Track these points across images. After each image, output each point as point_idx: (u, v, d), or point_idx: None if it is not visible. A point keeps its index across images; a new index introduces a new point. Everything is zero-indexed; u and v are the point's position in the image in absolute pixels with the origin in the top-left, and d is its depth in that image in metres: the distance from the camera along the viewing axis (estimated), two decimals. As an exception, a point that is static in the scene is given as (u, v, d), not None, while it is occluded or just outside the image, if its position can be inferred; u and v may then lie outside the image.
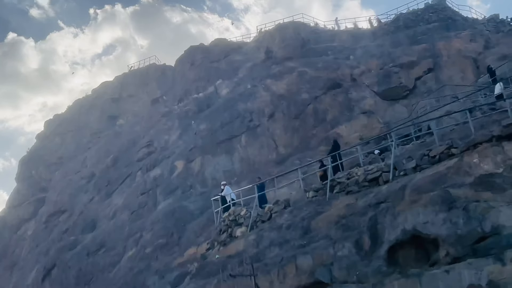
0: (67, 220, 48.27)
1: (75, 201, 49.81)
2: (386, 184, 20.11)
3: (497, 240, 14.79)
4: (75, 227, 45.95)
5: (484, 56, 39.69)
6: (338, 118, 39.43)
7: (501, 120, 20.30)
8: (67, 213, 49.51)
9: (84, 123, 61.64)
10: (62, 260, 41.27)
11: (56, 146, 61.91)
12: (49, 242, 46.67)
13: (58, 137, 63.11)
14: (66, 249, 42.46)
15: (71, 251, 41.70)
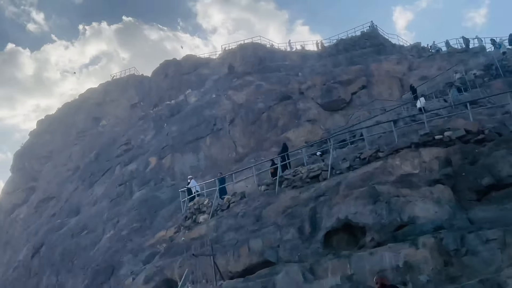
0: (55, 205, 47.67)
1: (61, 189, 49.21)
2: (324, 180, 20.44)
3: (412, 228, 15.22)
4: (61, 212, 45.38)
5: (407, 76, 40.55)
6: (288, 124, 39.77)
7: (419, 130, 20.77)
8: (54, 199, 48.89)
9: (71, 123, 60.76)
10: (50, 240, 40.69)
11: (46, 142, 60.93)
12: (39, 225, 46.04)
13: (48, 135, 62.11)
14: (53, 231, 41.88)
15: (58, 232, 41.15)
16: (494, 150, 17.52)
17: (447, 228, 14.71)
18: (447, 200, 16.07)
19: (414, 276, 13.66)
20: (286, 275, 15.27)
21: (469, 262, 13.64)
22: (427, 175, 17.74)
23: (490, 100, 25.99)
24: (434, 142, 19.32)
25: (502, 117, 21.11)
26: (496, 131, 19.16)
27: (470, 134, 19.19)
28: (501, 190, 16.36)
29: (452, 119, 21.85)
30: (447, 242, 14.01)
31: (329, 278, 14.57)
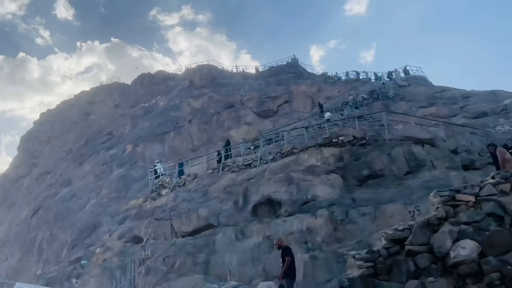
0: (51, 178, 45.60)
1: (57, 166, 47.09)
2: (255, 168, 20.53)
3: (314, 204, 15.59)
4: (56, 183, 43.48)
5: (317, 96, 41.35)
6: (231, 125, 39.71)
7: (322, 135, 21.23)
8: (51, 173, 46.72)
9: (67, 116, 58.05)
10: (46, 204, 39.01)
11: (46, 130, 58.01)
12: (38, 192, 43.93)
13: (48, 124, 59.14)
14: (49, 197, 40.13)
15: (52, 199, 39.46)
16: (371, 151, 18.19)
17: (337, 205, 15.20)
18: (338, 185, 16.58)
19: (313, 237, 14.08)
20: (223, 235, 15.38)
21: (350, 228, 14.17)
22: (326, 166, 18.17)
23: (371, 116, 26.97)
24: (332, 144, 19.74)
25: (378, 128, 21.91)
26: (374, 138, 19.83)
27: (356, 139, 19.75)
28: (375, 179, 17.05)
29: (345, 128, 22.48)
30: (336, 214, 14.50)
31: (254, 238, 14.79)
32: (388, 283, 8.76)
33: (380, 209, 14.17)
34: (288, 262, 9.41)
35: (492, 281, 7.79)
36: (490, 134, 19.86)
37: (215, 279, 13.69)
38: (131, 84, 59.32)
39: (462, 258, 8.27)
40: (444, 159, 17.15)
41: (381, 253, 9.21)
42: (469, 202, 9.35)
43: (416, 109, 28.64)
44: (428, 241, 8.99)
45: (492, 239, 8.39)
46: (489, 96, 29.16)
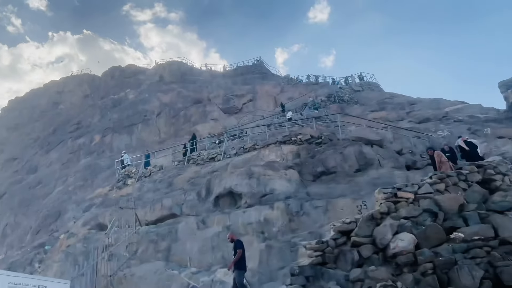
0: (17, 165, 43.51)
1: (24, 153, 44.96)
2: (219, 161, 20.53)
3: (272, 197, 15.72)
4: (22, 169, 41.58)
5: (280, 96, 41.69)
6: (198, 120, 39.37)
7: (282, 133, 21.52)
8: (18, 160, 44.56)
9: (36, 104, 55.47)
10: (11, 190, 37.26)
11: (14, 117, 55.13)
12: (3, 178, 41.75)
13: (17, 111, 56.23)
14: (15, 183, 38.36)
15: (18, 185, 37.74)
16: (326, 150, 18.59)
17: (293, 198, 15.43)
18: (295, 179, 16.83)
19: (269, 228, 14.24)
20: (185, 224, 15.29)
21: (304, 220, 14.44)
22: (284, 162, 18.42)
23: (328, 117, 27.55)
24: (291, 141, 20.07)
25: (334, 129, 22.39)
26: (329, 138, 20.28)
27: (313, 138, 20.17)
28: (328, 175, 17.44)
29: (304, 127, 22.79)
30: (292, 207, 14.73)
31: (215, 227, 14.79)
32: (334, 271, 9.03)
33: (331, 203, 14.52)
34: (239, 254, 9.50)
35: (425, 270, 8.21)
36: (431, 138, 20.77)
37: (176, 265, 13.61)
38: (102, 76, 57.49)
39: (400, 249, 8.66)
40: (390, 159, 17.79)
41: (329, 244, 9.48)
42: (409, 199, 9.80)
43: (368, 113, 29.48)
44: (371, 233, 9.35)
45: (427, 233, 8.84)
46: (433, 104, 30.45)
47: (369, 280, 8.26)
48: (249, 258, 12.04)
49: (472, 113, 25.66)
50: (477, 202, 9.77)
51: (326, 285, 8.58)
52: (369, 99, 35.42)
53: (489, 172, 10.51)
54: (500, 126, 22.36)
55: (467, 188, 10.15)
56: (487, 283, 7.82)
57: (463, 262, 8.02)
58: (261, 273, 11.39)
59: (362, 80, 43.98)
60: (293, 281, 8.78)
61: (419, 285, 8.00)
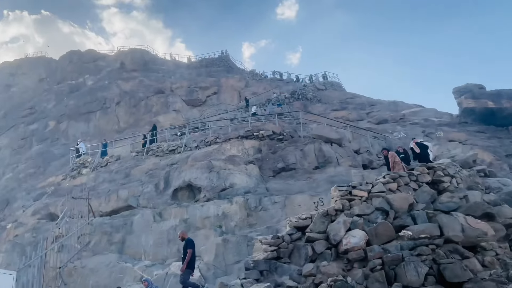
0: (-37, 149, 40.80)
1: (-30, 137, 42.21)
2: (179, 154, 20.35)
3: (231, 191, 15.81)
4: (-31, 156, 39.04)
5: (244, 91, 41.59)
6: (159, 111, 38.51)
7: (245, 128, 21.60)
8: (-37, 144, 41.78)
9: (-15, 86, 52.23)
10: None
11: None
12: None
13: (-37, 93, 52.73)
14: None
15: (-37, 171, 35.41)
16: (287, 146, 18.91)
17: (252, 193, 15.60)
18: (255, 175, 17.00)
19: (227, 222, 14.32)
20: (141, 216, 15.04)
21: (262, 215, 14.61)
22: (245, 157, 18.56)
23: (290, 114, 27.91)
24: (253, 137, 20.22)
25: (296, 126, 22.72)
26: (290, 134, 20.62)
27: (275, 134, 20.42)
28: (288, 171, 17.75)
29: (266, 123, 23.03)
30: (250, 202, 14.87)
31: (171, 220, 14.66)
32: (288, 265, 9.24)
33: (289, 199, 14.78)
34: (189, 254, 9.45)
35: (374, 266, 8.57)
36: (388, 139, 21.56)
37: (130, 258, 13.38)
38: (59, 59, 54.91)
39: (352, 245, 8.99)
40: (348, 158, 18.33)
41: (284, 239, 9.67)
42: (363, 197, 10.17)
43: (330, 111, 30.10)
44: (325, 230, 9.63)
45: (378, 230, 9.22)
46: (391, 106, 31.58)
47: (321, 275, 8.51)
48: (205, 252, 12.09)
49: (427, 117, 26.87)
50: (426, 202, 10.31)
51: (280, 279, 8.75)
52: (332, 98, 36.18)
53: (439, 173, 11.09)
54: (452, 130, 23.58)
55: (417, 188, 10.67)
56: (430, 279, 8.28)
57: (410, 259, 8.44)
58: (216, 267, 11.43)
59: (326, 79, 44.80)
60: (247, 275, 8.90)
61: (368, 280, 8.34)
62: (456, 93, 27.22)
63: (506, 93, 25.59)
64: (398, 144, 18.05)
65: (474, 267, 8.43)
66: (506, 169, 17.29)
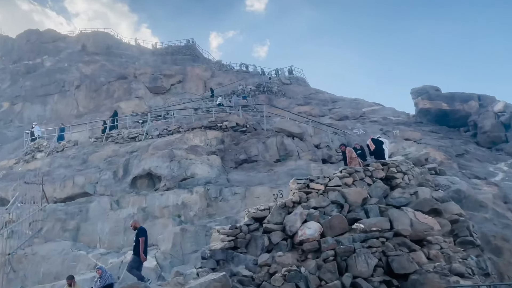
0: None
1: None
2: (140, 141, 19.98)
3: (191, 181, 15.74)
4: None
5: (210, 81, 41.19)
6: (121, 97, 37.38)
7: (209, 118, 21.47)
8: None
9: None
10: None
11: None
12: None
13: None
14: None
15: None
16: (250, 138, 19.00)
17: (213, 183, 15.60)
18: (217, 165, 16.99)
19: (186, 211, 14.25)
20: (98, 203, 14.67)
21: (222, 205, 14.65)
22: (208, 147, 18.50)
23: (255, 107, 28.03)
24: (217, 127, 20.18)
25: (260, 119, 22.88)
26: (253, 127, 20.74)
27: (239, 126, 20.47)
28: (249, 163, 17.88)
29: (231, 115, 22.95)
30: (211, 192, 14.86)
31: (129, 208, 14.40)
32: (245, 255, 9.36)
33: (250, 190, 14.89)
34: (143, 242, 9.28)
35: (327, 257, 8.86)
36: (347, 135, 22.16)
37: (84, 246, 13.04)
38: (16, 38, 51.99)
39: (307, 236, 9.24)
40: (308, 152, 18.69)
41: (242, 229, 9.79)
42: (319, 190, 10.45)
43: (294, 106, 30.47)
44: (282, 221, 9.83)
45: (332, 223, 9.52)
46: (353, 103, 32.41)
47: (276, 264, 8.70)
48: (163, 241, 12.00)
49: (386, 115, 27.83)
50: (379, 197, 10.74)
51: (236, 268, 8.86)
52: (296, 93, 36.61)
53: (392, 170, 11.56)
54: (408, 129, 24.58)
55: (372, 184, 11.09)
56: (379, 270, 8.69)
57: (361, 250, 8.80)
58: (173, 256, 11.38)
59: (291, 74, 45.19)
60: (203, 264, 8.94)
61: (321, 271, 8.62)
62: (413, 94, 28.36)
63: (459, 96, 26.99)
64: (357, 140, 18.60)
65: (420, 260, 8.91)
66: (455, 168, 18.25)
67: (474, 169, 18.64)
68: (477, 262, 9.48)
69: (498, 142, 23.48)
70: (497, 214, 13.64)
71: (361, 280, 8.38)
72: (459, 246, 9.91)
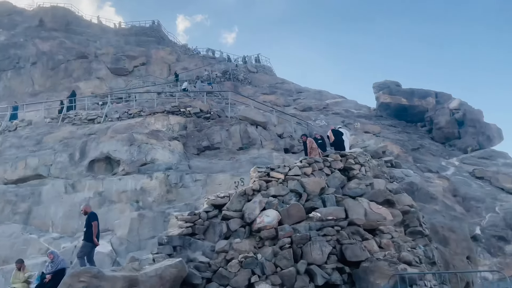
0: None
1: None
2: (98, 124, 19.36)
3: (151, 166, 15.50)
4: None
5: (175, 65, 40.41)
6: (80, 77, 36.02)
7: (172, 103, 21.09)
8: None
9: None
10: None
11: None
12: None
13: None
14: None
15: None
16: (214, 125, 18.89)
17: (174, 169, 15.44)
18: (178, 151, 16.79)
19: (145, 197, 14.05)
20: (52, 186, 14.20)
21: (182, 192, 14.58)
22: (169, 133, 18.21)
23: (220, 94, 27.85)
24: (179, 113, 19.87)
25: (224, 106, 22.74)
26: (218, 114, 20.61)
27: (202, 112, 20.28)
28: (212, 150, 17.81)
29: (194, 100, 22.68)
30: (171, 178, 14.73)
31: (85, 192, 14.06)
32: (202, 242, 9.40)
33: (211, 177, 14.89)
34: (96, 227, 9.03)
35: (284, 244, 9.06)
36: (310, 126, 22.54)
37: (35, 229, 12.62)
38: (-35, 8, 48.64)
39: (265, 224, 9.39)
40: (271, 141, 18.87)
41: (201, 216, 9.80)
42: (279, 179, 10.61)
43: (259, 95, 30.54)
44: (241, 208, 9.93)
45: (290, 211, 9.72)
46: (317, 95, 32.91)
47: (233, 251, 8.80)
48: (119, 226, 11.82)
49: (348, 108, 28.51)
50: (336, 187, 11.07)
51: (193, 255, 8.89)
52: (262, 82, 36.68)
53: (350, 161, 11.92)
54: (369, 122, 25.33)
55: (330, 174, 11.38)
56: (333, 257, 8.99)
57: (316, 238, 9.07)
58: (130, 241, 11.25)
59: (258, 62, 45.14)
60: (160, 250, 8.90)
61: (277, 258, 8.82)
62: (375, 88, 29.17)
63: (418, 92, 28.03)
64: (320, 131, 18.97)
65: (371, 248, 9.29)
66: (410, 161, 19.06)
67: (427, 163, 19.55)
68: (424, 251, 10.01)
69: (452, 138, 24.70)
70: (446, 206, 14.46)
71: (315, 267, 8.65)
72: (409, 235, 10.41)
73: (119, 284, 7.23)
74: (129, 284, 7.29)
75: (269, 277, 8.49)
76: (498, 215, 15.80)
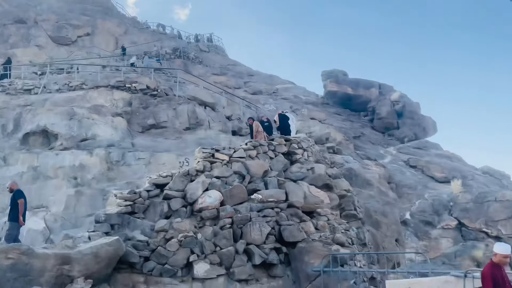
0: None
1: None
2: (35, 95, 18.19)
3: (92, 142, 14.95)
4: None
5: (123, 38, 38.59)
6: (18, 43, 33.38)
7: (117, 77, 20.30)
8: None
9: None
10: None
11: None
12: None
13: None
14: None
15: None
16: (160, 103, 18.47)
17: (116, 146, 14.97)
18: (122, 128, 16.28)
19: (84, 174, 13.53)
20: (-20, 159, 13.23)
21: (124, 170, 14.21)
22: (113, 109, 17.56)
23: (169, 71, 27.16)
24: (125, 88, 19.16)
25: (173, 84, 22.22)
26: (165, 92, 20.12)
27: (149, 89, 19.67)
28: (158, 129, 17.45)
29: (141, 76, 21.97)
30: (113, 155, 14.30)
31: (18, 166, 13.28)
32: (142, 220, 9.29)
33: (155, 156, 14.63)
34: (22, 205, 8.43)
35: (224, 224, 9.21)
36: (259, 110, 22.72)
37: (-40, 205, 11.75)
38: None
39: (207, 204, 9.46)
40: (219, 123, 18.83)
41: (141, 195, 9.65)
42: (224, 161, 10.68)
43: (210, 75, 30.16)
44: (184, 188, 9.90)
45: (233, 192, 9.86)
46: (267, 79, 33.13)
47: (173, 230, 8.80)
48: (54, 203, 11.35)
49: (297, 94, 29.04)
50: (279, 170, 11.35)
51: (131, 233, 8.78)
52: (213, 62, 36.22)
53: (294, 146, 12.24)
54: (315, 109, 26.02)
55: (274, 157, 11.63)
56: (271, 238, 9.30)
57: (256, 219, 9.31)
58: (65, 219, 10.86)
59: (211, 42, 44.44)
60: (97, 228, 8.70)
61: (217, 237, 8.95)
62: (323, 76, 29.93)
63: (363, 82, 29.16)
64: (268, 115, 19.20)
65: (308, 229, 9.71)
66: (351, 149, 19.93)
67: (367, 151, 20.55)
68: (357, 233, 10.64)
69: (391, 128, 26.06)
70: (380, 192, 15.38)
71: (254, 246, 8.90)
72: (344, 218, 10.99)
73: (51, 262, 6.99)
74: (62, 262, 7.07)
75: (208, 256, 8.61)
76: (426, 201, 17.09)
